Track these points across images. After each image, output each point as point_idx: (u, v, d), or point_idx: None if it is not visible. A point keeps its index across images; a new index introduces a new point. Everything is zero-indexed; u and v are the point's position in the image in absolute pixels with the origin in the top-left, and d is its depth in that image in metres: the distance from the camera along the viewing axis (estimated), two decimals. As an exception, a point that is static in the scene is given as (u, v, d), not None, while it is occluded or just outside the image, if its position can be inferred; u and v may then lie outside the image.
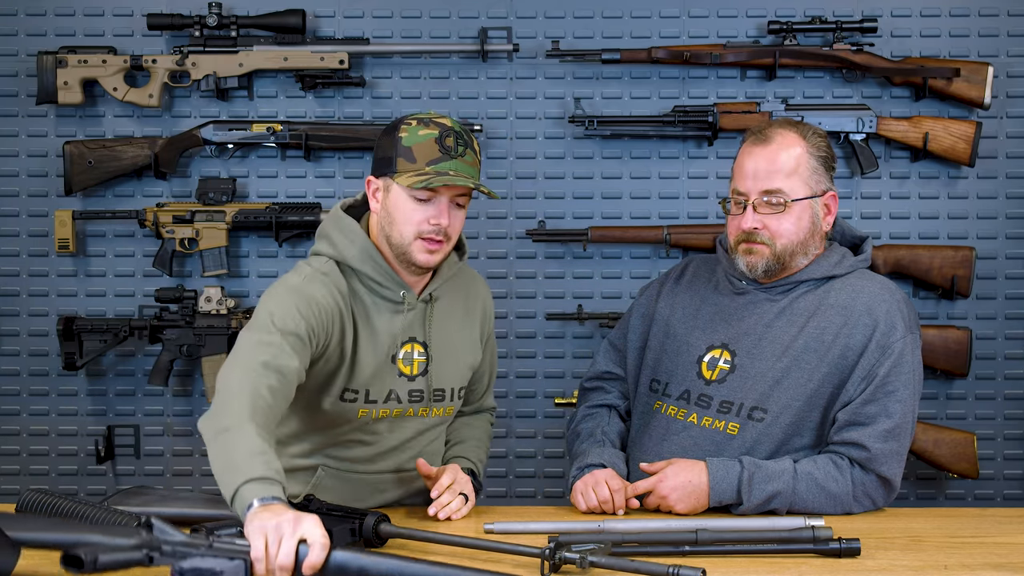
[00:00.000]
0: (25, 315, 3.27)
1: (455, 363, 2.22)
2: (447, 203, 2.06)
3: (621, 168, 3.25)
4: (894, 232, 3.23)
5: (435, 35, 3.23)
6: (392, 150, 2.06)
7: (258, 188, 3.25)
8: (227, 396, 1.83)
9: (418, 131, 2.05)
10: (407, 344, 2.14)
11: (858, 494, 2.15)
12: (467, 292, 2.28)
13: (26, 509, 1.91)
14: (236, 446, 1.75)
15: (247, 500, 1.67)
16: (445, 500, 2.07)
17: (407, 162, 2.04)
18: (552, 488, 3.28)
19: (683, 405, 2.26)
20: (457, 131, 2.06)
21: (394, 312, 2.13)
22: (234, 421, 1.78)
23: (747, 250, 2.23)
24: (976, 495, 3.26)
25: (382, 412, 2.14)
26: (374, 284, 2.11)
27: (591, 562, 1.67)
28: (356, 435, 2.16)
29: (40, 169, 3.26)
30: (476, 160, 2.09)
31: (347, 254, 2.11)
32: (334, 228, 2.15)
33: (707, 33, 3.23)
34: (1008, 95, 3.22)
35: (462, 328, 2.25)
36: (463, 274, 2.28)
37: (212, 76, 3.15)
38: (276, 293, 2.05)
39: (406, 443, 2.20)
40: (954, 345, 3.12)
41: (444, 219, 2.05)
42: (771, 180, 2.19)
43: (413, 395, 2.16)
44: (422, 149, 2.04)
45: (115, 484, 3.27)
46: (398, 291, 2.12)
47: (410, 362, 2.15)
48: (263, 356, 1.89)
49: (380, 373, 2.12)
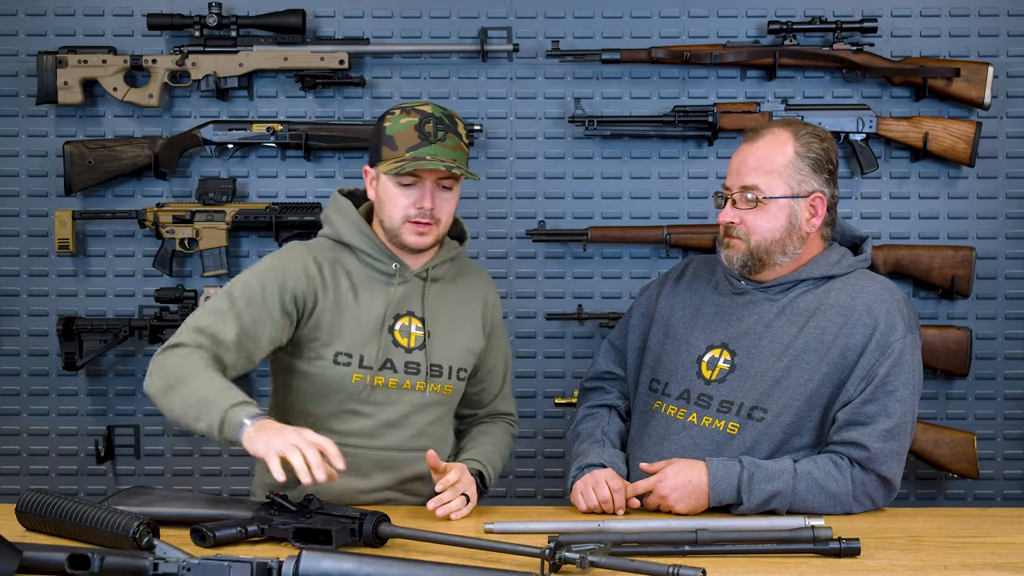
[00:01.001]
0: (25, 315, 3.27)
1: (453, 342, 2.29)
2: (431, 187, 2.16)
3: (621, 168, 3.25)
4: (894, 232, 3.23)
5: (435, 35, 3.23)
6: (379, 139, 2.18)
7: (258, 188, 3.25)
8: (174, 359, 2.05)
9: (400, 119, 2.17)
10: (404, 317, 2.23)
11: (858, 494, 2.15)
12: (469, 280, 2.36)
13: (26, 509, 1.92)
14: (201, 387, 1.98)
15: (238, 421, 1.91)
16: (446, 497, 2.09)
17: (390, 150, 2.16)
18: (552, 488, 3.28)
19: (683, 405, 2.26)
20: (437, 117, 2.16)
21: (387, 284, 2.23)
22: (190, 372, 2.00)
23: (727, 244, 2.26)
24: (976, 495, 3.26)
25: (377, 380, 2.20)
26: (367, 257, 2.23)
27: (591, 562, 1.67)
28: (353, 405, 2.21)
29: (40, 169, 3.26)
30: (460, 144, 2.18)
31: (340, 229, 2.24)
32: (331, 210, 2.30)
33: (707, 33, 3.23)
34: (1008, 95, 3.22)
35: (462, 311, 2.31)
36: (466, 264, 2.38)
37: (212, 76, 3.15)
38: (243, 276, 2.22)
39: (405, 419, 2.24)
40: (954, 345, 3.12)
41: (428, 202, 2.16)
42: (749, 176, 2.21)
43: (410, 367, 2.23)
44: (403, 136, 2.15)
45: (115, 484, 3.27)
46: (389, 263, 2.22)
47: (407, 334, 2.23)
48: (202, 322, 2.11)
49: (373, 340, 2.20)
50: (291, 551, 1.74)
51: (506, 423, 2.48)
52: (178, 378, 2.00)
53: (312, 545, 1.80)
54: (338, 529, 1.82)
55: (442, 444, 2.32)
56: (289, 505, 1.92)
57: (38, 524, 1.91)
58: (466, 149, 2.21)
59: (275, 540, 1.88)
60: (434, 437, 2.29)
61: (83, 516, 1.82)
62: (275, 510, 1.92)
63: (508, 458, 2.45)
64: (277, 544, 1.87)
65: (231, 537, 1.86)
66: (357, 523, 1.85)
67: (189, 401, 1.97)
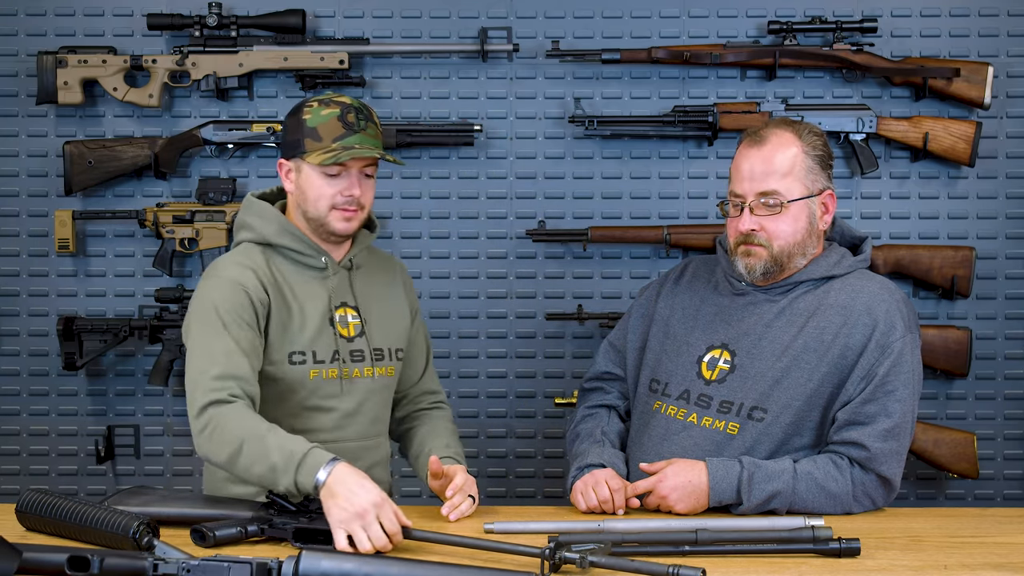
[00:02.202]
0: (25, 315, 3.27)
1: (387, 324, 2.35)
2: (356, 175, 2.21)
3: (621, 168, 3.25)
4: (894, 232, 3.23)
5: (435, 35, 3.23)
6: (299, 132, 2.20)
7: (258, 188, 3.24)
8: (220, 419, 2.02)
9: (320, 111, 2.19)
10: (340, 308, 2.27)
11: (858, 494, 2.14)
12: (385, 265, 2.43)
13: (26, 509, 1.92)
14: (272, 442, 1.96)
15: (316, 467, 1.90)
16: (457, 501, 2.11)
17: (314, 141, 2.18)
18: (552, 488, 3.28)
19: (683, 405, 2.26)
20: (357, 107, 2.21)
21: (321, 279, 2.27)
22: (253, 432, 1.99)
23: (745, 252, 2.23)
24: (976, 495, 3.26)
25: (331, 372, 2.25)
26: (295, 255, 2.25)
27: (591, 562, 1.67)
28: (314, 400, 2.24)
29: (40, 169, 3.26)
30: (378, 133, 2.24)
31: (266, 232, 2.25)
32: (249, 214, 2.29)
33: (707, 33, 3.23)
34: (1008, 95, 3.22)
35: (387, 294, 2.39)
36: (375, 250, 2.43)
37: (212, 76, 3.15)
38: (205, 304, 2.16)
39: (361, 407, 2.29)
40: (954, 345, 3.12)
41: (356, 190, 2.20)
42: (767, 181, 2.20)
43: (355, 355, 2.27)
44: (327, 128, 2.18)
45: (115, 484, 3.27)
46: (319, 257, 2.26)
47: (346, 324, 2.28)
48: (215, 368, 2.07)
49: (320, 336, 2.24)
50: (291, 551, 1.74)
51: (441, 407, 2.49)
52: (241, 437, 1.99)
53: (312, 545, 1.80)
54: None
55: (385, 427, 2.40)
56: (289, 505, 1.92)
57: (38, 524, 1.91)
58: (382, 138, 2.26)
59: (275, 540, 1.88)
60: (383, 422, 2.36)
61: (83, 516, 1.82)
62: (275, 510, 1.92)
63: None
64: (277, 544, 1.88)
65: (231, 537, 1.87)
66: (357, 523, 1.85)
67: (259, 455, 1.97)
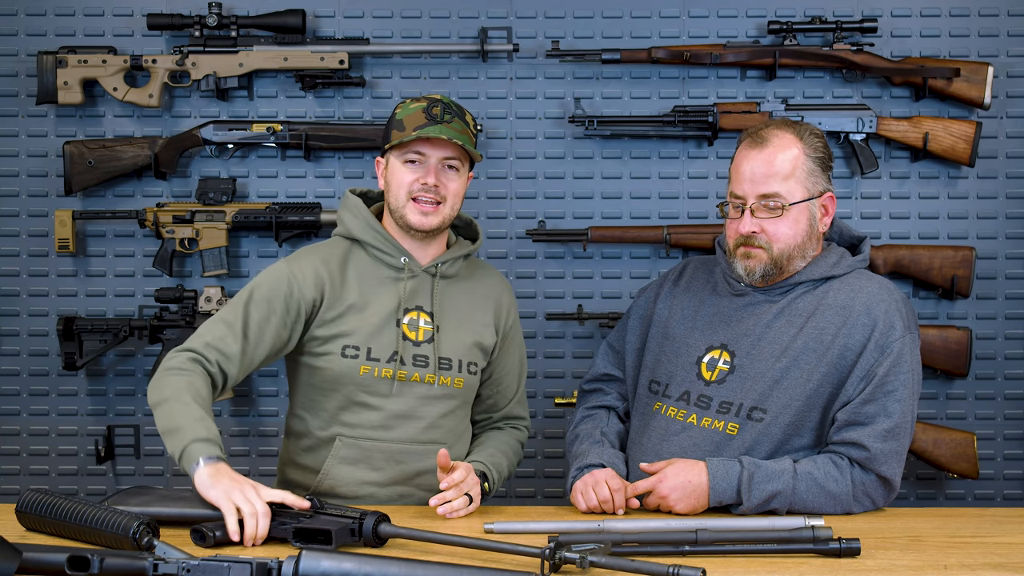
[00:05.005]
0: (25, 315, 3.27)
1: (463, 337, 2.33)
2: (436, 164, 2.24)
3: (621, 168, 3.25)
4: (894, 232, 3.23)
5: (435, 35, 3.23)
6: (389, 126, 2.27)
7: (258, 188, 3.25)
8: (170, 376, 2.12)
9: (410, 105, 2.27)
10: (413, 311, 2.28)
11: (858, 494, 2.15)
12: (482, 280, 2.40)
13: (26, 509, 1.92)
14: (179, 412, 2.03)
15: (194, 457, 1.95)
16: (449, 496, 2.10)
17: (398, 132, 2.24)
18: (552, 488, 3.28)
19: (683, 406, 2.26)
20: (446, 103, 2.26)
21: (396, 279, 2.28)
22: (174, 393, 2.07)
23: (745, 254, 2.23)
24: (976, 495, 3.26)
25: (385, 372, 2.25)
26: (376, 252, 2.29)
27: (591, 562, 1.67)
28: (361, 396, 2.25)
29: (40, 169, 3.26)
30: (466, 130, 2.26)
31: (351, 226, 2.31)
32: (342, 208, 2.38)
33: (707, 33, 3.23)
34: (1008, 95, 3.22)
35: (473, 308, 2.36)
36: (481, 264, 2.44)
37: (212, 76, 3.15)
38: (255, 279, 2.31)
39: (415, 411, 2.28)
40: (954, 345, 3.12)
41: (431, 178, 2.22)
42: (768, 184, 2.20)
43: (418, 359, 2.27)
44: (411, 119, 2.24)
45: (115, 484, 3.27)
46: (399, 257, 2.28)
47: (415, 328, 2.28)
48: (212, 335, 2.19)
49: (381, 334, 2.25)
50: (291, 551, 1.74)
51: (517, 428, 2.49)
52: (165, 397, 2.08)
53: (312, 545, 1.80)
54: (338, 529, 1.82)
55: (456, 439, 2.35)
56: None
57: (38, 524, 1.91)
58: (473, 137, 2.28)
59: (275, 540, 1.88)
60: (446, 431, 2.32)
61: (83, 516, 1.82)
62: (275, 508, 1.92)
63: (517, 464, 2.46)
64: (277, 544, 1.88)
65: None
66: (357, 523, 1.85)
67: (166, 422, 2.05)
